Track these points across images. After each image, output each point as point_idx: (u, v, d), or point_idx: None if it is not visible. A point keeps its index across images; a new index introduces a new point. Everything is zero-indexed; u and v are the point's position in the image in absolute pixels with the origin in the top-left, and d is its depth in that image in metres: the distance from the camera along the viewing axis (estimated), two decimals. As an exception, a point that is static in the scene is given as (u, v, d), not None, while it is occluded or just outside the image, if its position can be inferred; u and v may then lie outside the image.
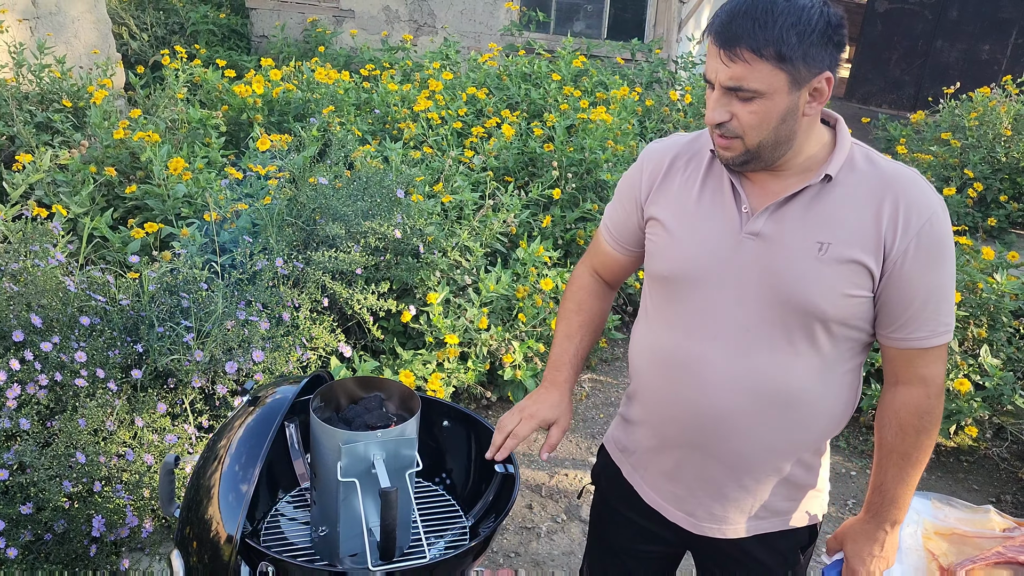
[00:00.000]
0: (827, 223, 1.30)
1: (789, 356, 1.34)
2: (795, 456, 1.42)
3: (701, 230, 1.38)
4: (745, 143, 1.27)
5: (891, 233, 1.27)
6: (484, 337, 3.21)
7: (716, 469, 1.44)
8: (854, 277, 1.28)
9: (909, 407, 1.36)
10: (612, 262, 1.62)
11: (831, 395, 1.38)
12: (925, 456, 1.39)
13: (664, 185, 1.45)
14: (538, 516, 2.96)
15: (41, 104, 4.39)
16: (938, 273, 1.29)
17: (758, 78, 1.21)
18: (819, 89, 1.25)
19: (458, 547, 1.55)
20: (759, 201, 1.35)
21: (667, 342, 1.43)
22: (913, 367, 1.35)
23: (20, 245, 2.62)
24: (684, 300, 1.40)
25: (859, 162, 1.32)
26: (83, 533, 2.18)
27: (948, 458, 3.47)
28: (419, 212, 3.34)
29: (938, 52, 9.54)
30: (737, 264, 1.34)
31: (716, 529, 1.50)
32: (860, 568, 1.44)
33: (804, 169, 1.33)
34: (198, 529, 1.37)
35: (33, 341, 2.28)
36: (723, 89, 1.25)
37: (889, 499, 1.41)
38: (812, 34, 1.20)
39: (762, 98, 1.22)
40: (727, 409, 1.37)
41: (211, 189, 3.37)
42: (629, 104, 5.14)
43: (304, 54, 7.29)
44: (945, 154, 5.86)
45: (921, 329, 1.31)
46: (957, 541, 1.85)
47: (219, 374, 2.57)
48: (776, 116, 1.24)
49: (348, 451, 1.38)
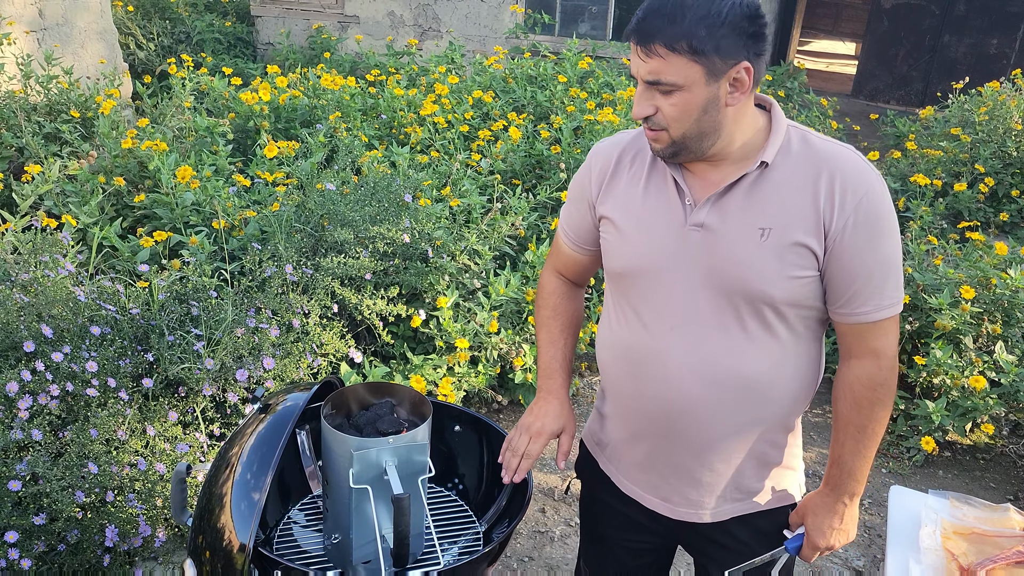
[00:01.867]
0: (767, 208, 1.32)
1: (744, 341, 1.37)
2: (761, 435, 1.45)
3: (649, 225, 1.41)
4: (671, 134, 1.31)
5: (828, 211, 1.29)
6: (494, 341, 3.20)
7: (685, 456, 1.47)
8: (798, 259, 1.31)
9: (862, 380, 1.39)
10: (573, 263, 1.64)
11: (790, 374, 1.41)
12: (880, 428, 1.41)
13: (612, 183, 1.47)
14: (551, 520, 2.94)
15: (49, 115, 4.41)
16: (879, 247, 1.31)
17: (674, 71, 1.24)
18: (739, 79, 1.27)
19: (472, 552, 1.54)
20: (701, 192, 1.37)
21: (627, 337, 1.46)
22: (864, 341, 1.37)
23: (30, 256, 2.62)
24: (639, 295, 1.43)
25: (795, 144, 1.35)
26: (96, 543, 2.17)
27: (964, 456, 3.44)
28: (427, 216, 3.34)
29: (946, 47, 9.49)
30: (685, 256, 1.37)
31: (693, 513, 1.52)
32: (820, 541, 1.47)
33: (742, 157, 1.35)
34: (211, 538, 1.37)
35: (44, 351, 2.28)
36: (644, 84, 1.28)
37: (847, 472, 1.43)
38: (723, 26, 1.22)
39: (681, 90, 1.26)
40: (690, 398, 1.40)
41: (219, 197, 3.37)
42: (636, 105, 5.12)
43: (310, 60, 7.31)
44: (955, 149, 5.82)
45: (867, 303, 1.34)
46: (976, 540, 1.83)
47: (230, 382, 2.57)
48: (696, 107, 1.27)
49: (360, 458, 1.37)
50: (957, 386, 3.26)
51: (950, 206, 5.54)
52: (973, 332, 3.45)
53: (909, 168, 5.82)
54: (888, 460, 3.39)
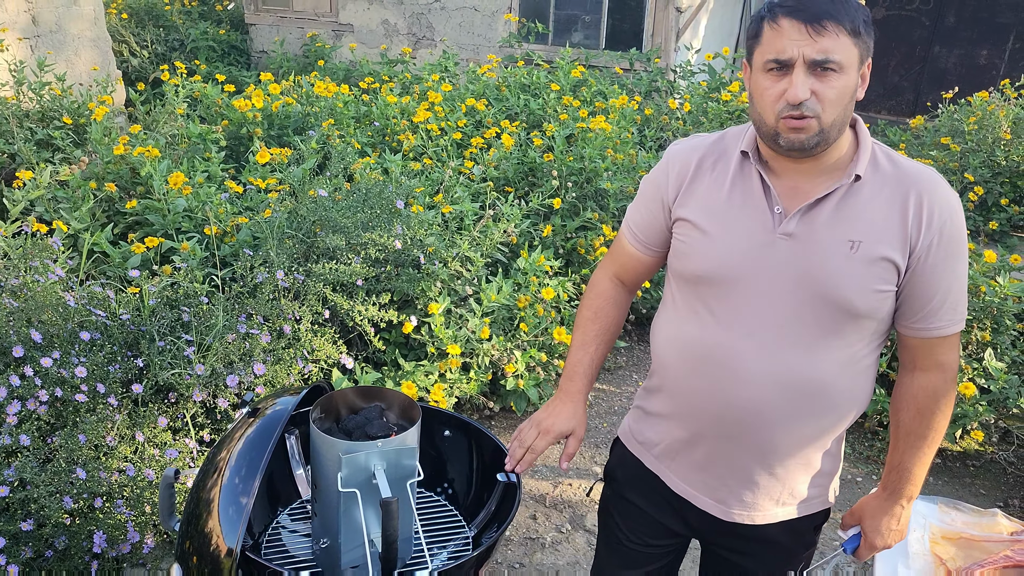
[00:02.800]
0: (857, 222, 1.35)
1: (820, 350, 1.39)
2: (821, 444, 1.48)
3: (734, 230, 1.42)
4: (821, 121, 1.30)
5: (916, 230, 1.33)
6: (486, 347, 3.20)
7: (747, 459, 1.48)
8: (883, 273, 1.34)
9: (927, 391, 1.43)
10: (636, 263, 1.63)
11: (855, 384, 1.43)
12: (940, 436, 1.47)
13: (692, 186, 1.48)
14: (542, 527, 2.94)
15: (42, 121, 4.41)
16: (956, 265, 1.37)
17: (842, 50, 1.27)
18: (864, 74, 1.32)
19: (460, 557, 1.54)
20: (791, 202, 1.39)
21: (700, 338, 1.46)
22: (932, 354, 1.42)
23: (20, 261, 2.62)
24: (718, 298, 1.44)
25: (882, 161, 1.38)
26: (84, 549, 2.16)
27: (954, 462, 3.45)
28: (419, 223, 3.34)
29: (936, 58, 9.56)
30: (771, 263, 1.38)
31: (746, 515, 1.54)
32: (878, 541, 1.53)
33: (833, 168, 1.38)
34: (198, 543, 1.36)
35: (33, 357, 2.27)
36: (807, 66, 1.27)
37: (906, 477, 1.48)
38: (868, 17, 1.29)
39: (840, 73, 1.28)
40: (761, 402, 1.41)
41: (211, 203, 3.37)
42: (628, 113, 5.14)
43: (303, 68, 7.32)
44: (945, 158, 5.86)
45: (941, 319, 1.38)
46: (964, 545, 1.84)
47: (220, 388, 2.56)
48: (849, 92, 1.30)
49: (348, 461, 1.37)
50: (947, 393, 3.26)
51: (940, 215, 5.56)
52: (963, 339, 3.46)
53: (900, 177, 5.85)
54: (879, 467, 3.40)
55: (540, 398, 3.34)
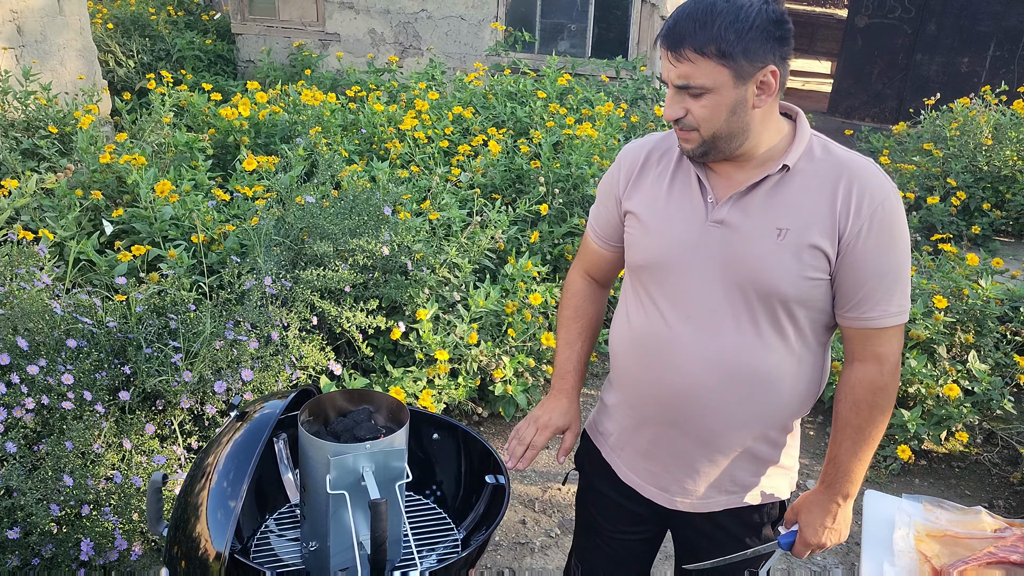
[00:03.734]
0: (786, 210, 1.38)
1: (754, 337, 1.42)
2: (762, 432, 1.49)
3: (671, 220, 1.47)
4: (701, 135, 1.36)
5: (844, 216, 1.35)
6: (474, 353, 3.20)
7: (688, 445, 1.51)
8: (812, 260, 1.36)
9: (864, 383, 1.43)
10: (601, 260, 1.69)
11: (796, 374, 1.45)
12: (878, 433, 1.46)
13: (639, 180, 1.53)
14: (531, 531, 2.94)
15: (27, 131, 4.39)
16: (891, 255, 1.36)
17: (703, 75, 1.30)
18: (765, 82, 1.32)
19: (449, 559, 1.54)
20: (723, 191, 1.43)
21: (642, 326, 1.51)
22: (869, 345, 1.42)
23: (6, 268, 2.61)
24: (657, 286, 1.48)
25: (817, 152, 1.41)
26: (71, 558, 2.15)
27: (939, 464, 3.47)
28: (407, 229, 3.35)
29: (918, 65, 9.66)
30: (703, 251, 1.43)
31: (688, 503, 1.57)
32: (812, 538, 1.52)
33: (765, 160, 1.41)
34: (186, 547, 1.36)
35: (19, 364, 2.26)
36: (675, 87, 1.34)
37: (842, 472, 1.48)
38: (750, 31, 1.28)
39: (710, 93, 1.31)
40: (698, 387, 1.45)
41: (198, 211, 3.37)
42: (614, 120, 5.18)
43: (290, 78, 7.32)
44: (928, 164, 5.92)
45: (874, 309, 1.39)
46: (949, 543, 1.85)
47: (208, 394, 2.56)
48: (725, 108, 1.33)
49: (337, 463, 1.38)
50: (932, 395, 3.30)
51: (923, 219, 5.63)
52: (947, 342, 3.50)
53: (883, 182, 5.91)
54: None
55: (528, 403, 3.35)
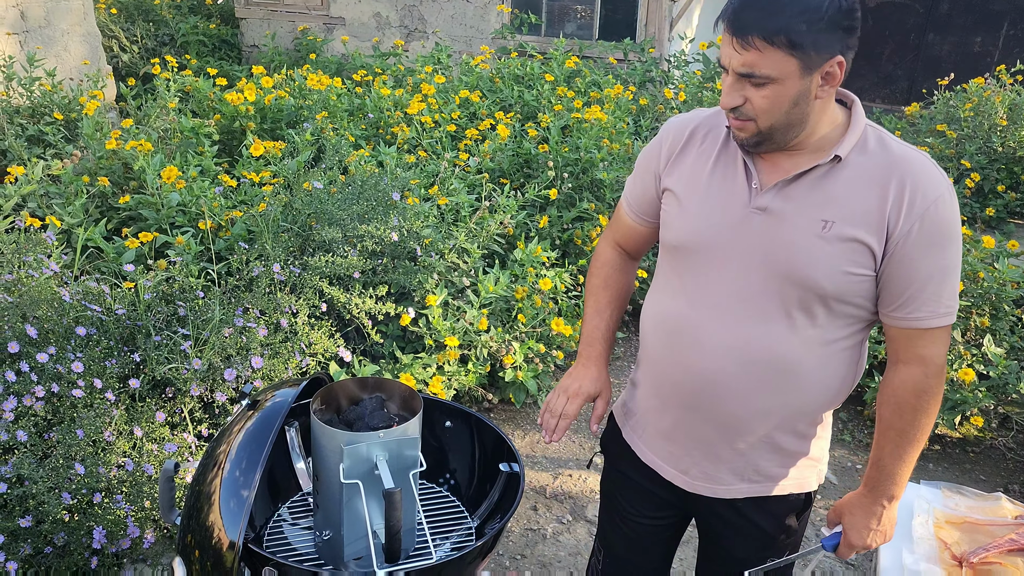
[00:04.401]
0: (832, 202, 1.33)
1: (784, 328, 1.38)
2: (788, 424, 1.46)
3: (710, 202, 1.42)
4: (758, 125, 1.31)
5: (895, 214, 1.30)
6: (484, 339, 3.18)
7: (710, 430, 1.49)
8: (855, 256, 1.32)
9: (907, 386, 1.39)
10: (633, 234, 1.66)
11: (827, 368, 1.41)
12: (923, 435, 1.42)
13: (681, 157, 1.49)
14: (543, 518, 2.93)
15: (32, 117, 4.37)
16: (941, 255, 1.32)
17: (770, 65, 1.24)
18: (831, 73, 1.27)
19: (464, 547, 1.53)
20: (769, 177, 1.38)
21: (670, 308, 1.49)
22: (913, 347, 1.38)
23: (13, 256, 2.59)
24: (689, 269, 1.45)
25: (871, 144, 1.35)
26: (84, 545, 2.15)
27: (954, 449, 3.45)
28: (415, 215, 3.32)
29: (930, 45, 9.54)
30: (742, 237, 1.38)
31: (709, 488, 1.54)
32: (857, 541, 1.49)
33: (817, 148, 1.36)
34: (199, 536, 1.35)
35: (29, 352, 2.25)
36: (736, 75, 1.28)
37: (886, 475, 1.44)
38: (821, 21, 1.22)
39: (774, 83, 1.26)
40: (718, 373, 1.42)
41: (205, 197, 3.34)
42: (623, 103, 5.12)
43: (295, 62, 7.28)
44: (941, 145, 5.85)
45: (921, 309, 1.34)
46: (969, 529, 1.84)
47: (218, 382, 2.55)
48: (788, 100, 1.27)
49: (350, 452, 1.36)
50: (947, 379, 3.27)
51: (936, 202, 5.55)
52: (962, 326, 3.46)
53: (895, 165, 5.84)
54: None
55: (539, 389, 3.33)
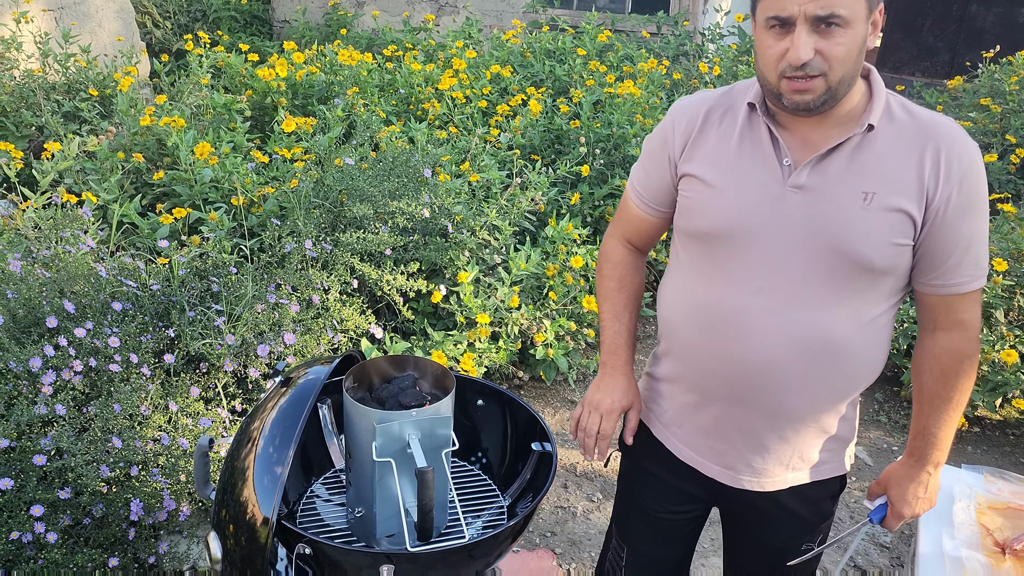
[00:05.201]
0: (870, 173, 1.29)
1: (832, 306, 1.34)
2: (834, 406, 1.43)
3: (743, 185, 1.36)
4: (828, 80, 1.24)
5: (933, 181, 1.27)
6: (515, 316, 3.17)
7: (758, 421, 1.44)
8: (899, 226, 1.29)
9: (950, 352, 1.37)
10: (645, 225, 1.59)
11: (871, 343, 1.38)
12: (965, 398, 1.41)
13: (699, 140, 1.42)
14: (574, 496, 2.93)
15: (68, 93, 4.41)
16: (977, 219, 1.31)
17: (847, 4, 1.19)
18: (875, 21, 1.24)
19: (497, 526, 1.52)
20: (801, 154, 1.33)
21: (707, 297, 1.42)
22: (953, 312, 1.36)
23: (51, 232, 2.62)
24: (726, 255, 1.39)
25: (896, 111, 1.31)
26: (121, 517, 2.18)
27: (994, 431, 3.38)
28: (446, 191, 3.30)
29: (973, 17, 9.26)
30: (781, 217, 1.33)
31: (755, 482, 1.50)
32: (906, 510, 1.47)
33: (846, 119, 1.31)
34: (234, 512, 1.36)
35: (67, 327, 2.28)
36: (809, 22, 1.20)
37: (932, 442, 1.43)
38: None
39: (846, 27, 1.20)
40: (771, 363, 1.36)
41: (237, 173, 3.35)
42: (656, 78, 5.04)
43: (326, 38, 7.26)
44: (985, 120, 5.69)
45: (961, 275, 1.33)
46: (1012, 515, 1.79)
47: (251, 357, 2.56)
48: (857, 47, 1.23)
49: (382, 431, 1.35)
50: (988, 360, 3.19)
51: (978, 178, 5.41)
52: (1005, 306, 3.37)
53: (936, 140, 5.69)
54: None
55: (569, 367, 3.32)
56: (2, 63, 4.33)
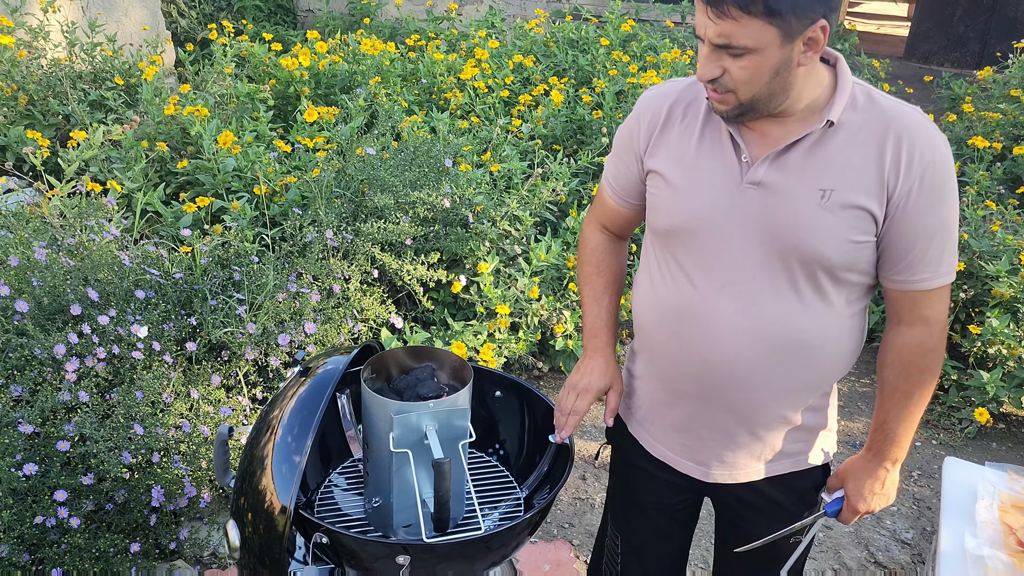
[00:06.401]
0: (829, 169, 1.27)
1: (795, 303, 1.33)
2: (803, 400, 1.43)
3: (702, 182, 1.36)
4: (738, 97, 1.24)
5: (894, 175, 1.25)
6: (535, 307, 3.17)
7: (726, 418, 1.44)
8: (858, 223, 1.27)
9: (912, 347, 1.36)
10: (617, 216, 1.59)
11: (837, 339, 1.38)
12: (927, 394, 1.39)
13: (663, 136, 1.42)
14: (592, 488, 2.93)
15: (94, 82, 4.45)
16: (941, 213, 1.28)
17: (747, 35, 1.16)
18: (813, 38, 1.19)
19: (513, 519, 1.52)
20: (759, 149, 1.31)
21: (671, 296, 1.42)
22: (917, 308, 1.34)
23: (76, 220, 2.65)
24: (686, 253, 1.39)
25: (860, 102, 1.29)
26: (143, 503, 2.21)
27: (1019, 428, 3.33)
28: (467, 182, 3.30)
29: (1005, 5, 9.08)
30: (739, 214, 1.32)
31: (727, 475, 1.51)
32: (860, 505, 1.46)
33: (806, 114, 1.29)
34: (252, 500, 1.37)
35: (91, 314, 2.31)
36: (712, 45, 1.20)
37: (891, 437, 1.41)
38: None
39: (753, 53, 1.18)
40: (736, 359, 1.37)
41: (260, 162, 3.37)
42: (680, 68, 5.00)
43: (349, 27, 7.27)
44: (1015, 112, 5.58)
45: (924, 271, 1.30)
46: (1036, 515, 1.77)
47: (272, 346, 2.58)
48: (768, 70, 1.20)
49: (400, 422, 1.36)
50: (1014, 356, 3.14)
51: (1008, 170, 5.32)
52: (1033, 301, 3.32)
53: (965, 131, 5.60)
54: (939, 431, 3.30)
55: (589, 359, 3.31)
56: (30, 52, 4.38)
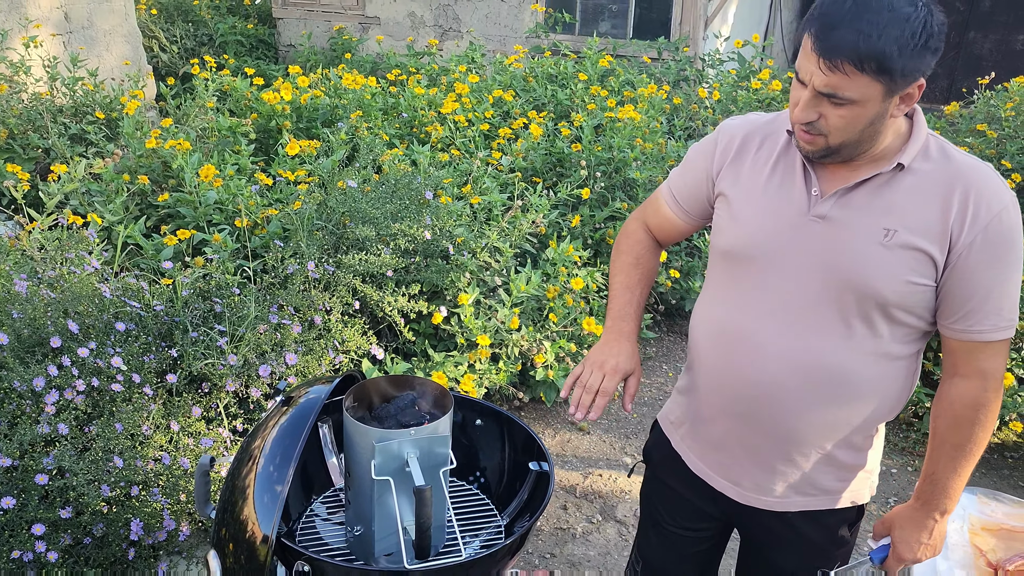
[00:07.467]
0: (894, 210, 1.31)
1: (843, 338, 1.36)
2: (845, 437, 1.43)
3: (766, 209, 1.40)
4: (828, 141, 1.29)
5: (959, 225, 1.28)
6: (515, 338, 3.19)
7: (763, 441, 1.46)
8: (917, 265, 1.30)
9: (965, 399, 1.37)
10: (669, 226, 1.64)
11: (885, 380, 1.39)
12: (979, 449, 1.39)
13: (736, 162, 1.47)
14: (573, 517, 2.93)
15: (75, 116, 4.46)
16: (1003, 268, 1.30)
17: (855, 88, 1.21)
18: (910, 94, 1.25)
19: (493, 545, 1.54)
20: (829, 185, 1.36)
21: (723, 315, 1.47)
22: (973, 360, 1.36)
23: (56, 253, 2.65)
24: (744, 276, 1.43)
25: (933, 152, 1.33)
26: (121, 537, 2.19)
27: (992, 454, 3.38)
28: (448, 214, 3.34)
29: (971, 43, 9.36)
30: (800, 244, 1.36)
31: (762, 500, 1.51)
32: (907, 554, 1.46)
33: (879, 157, 1.34)
34: (234, 530, 1.37)
35: (70, 347, 2.31)
36: (816, 92, 1.24)
37: (940, 489, 1.42)
38: (916, 47, 1.18)
39: (854, 104, 1.23)
40: (777, 385, 1.39)
41: (242, 195, 3.39)
42: (657, 102, 5.10)
43: (331, 62, 7.35)
44: (981, 145, 5.73)
45: (982, 322, 1.32)
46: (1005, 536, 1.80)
47: (253, 378, 2.59)
48: (864, 121, 1.25)
49: (382, 449, 1.37)
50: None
51: (977, 203, 5.44)
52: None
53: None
54: (914, 458, 3.35)
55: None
56: (11, 86, 4.39)
